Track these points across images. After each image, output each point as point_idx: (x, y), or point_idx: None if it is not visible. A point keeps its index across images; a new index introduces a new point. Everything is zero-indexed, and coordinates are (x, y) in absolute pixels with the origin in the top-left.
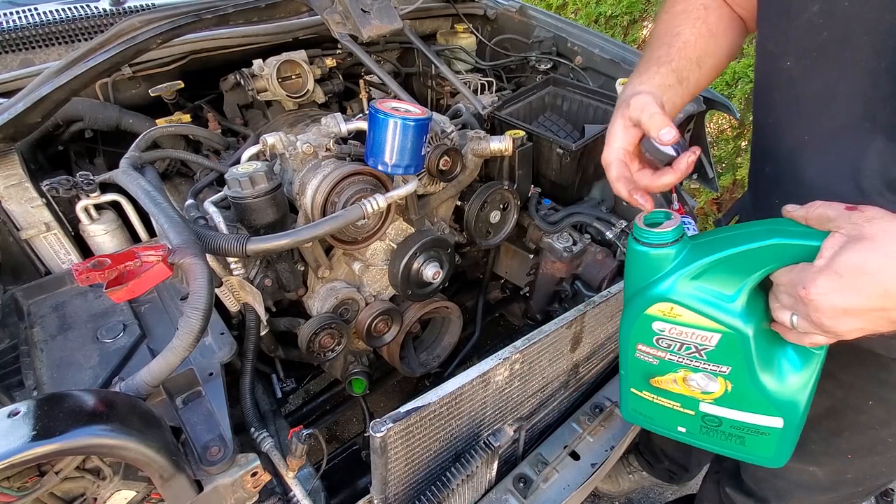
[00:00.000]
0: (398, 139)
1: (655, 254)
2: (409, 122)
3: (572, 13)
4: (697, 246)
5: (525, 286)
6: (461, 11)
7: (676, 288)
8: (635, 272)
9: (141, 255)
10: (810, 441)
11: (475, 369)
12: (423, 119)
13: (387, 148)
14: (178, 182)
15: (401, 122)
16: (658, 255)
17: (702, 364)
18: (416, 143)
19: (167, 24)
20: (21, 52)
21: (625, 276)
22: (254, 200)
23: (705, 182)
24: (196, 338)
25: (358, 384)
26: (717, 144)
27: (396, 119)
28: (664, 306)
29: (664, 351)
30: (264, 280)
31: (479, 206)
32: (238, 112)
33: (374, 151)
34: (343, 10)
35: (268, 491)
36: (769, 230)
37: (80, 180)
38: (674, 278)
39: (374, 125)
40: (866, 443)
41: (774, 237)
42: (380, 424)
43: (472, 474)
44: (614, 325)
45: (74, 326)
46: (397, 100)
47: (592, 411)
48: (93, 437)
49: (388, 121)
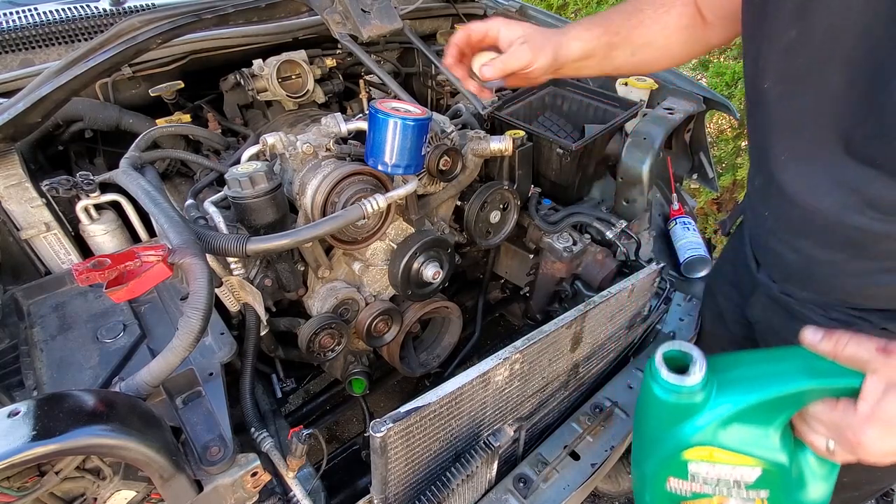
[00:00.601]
0: (398, 139)
1: (685, 402)
2: (409, 122)
3: (572, 13)
4: (726, 384)
5: (525, 286)
6: (461, 11)
7: (713, 431)
8: (658, 415)
9: (141, 255)
10: None
11: (475, 369)
12: (422, 119)
13: (387, 148)
14: (178, 182)
15: (401, 122)
16: (687, 402)
17: (740, 492)
18: (416, 142)
19: (167, 24)
20: (21, 52)
21: (641, 414)
22: (254, 200)
23: (705, 182)
24: (196, 338)
25: (358, 384)
26: (717, 144)
27: (396, 119)
28: (702, 450)
29: (700, 484)
30: (264, 280)
31: (479, 206)
32: (238, 112)
33: (374, 151)
34: (343, 10)
35: (268, 491)
36: (802, 368)
37: (80, 180)
38: (708, 421)
39: (373, 125)
40: None
41: (809, 379)
42: (380, 424)
43: (472, 474)
44: (614, 324)
45: (74, 326)
46: (397, 100)
47: (592, 411)
48: (93, 437)
49: (388, 121)
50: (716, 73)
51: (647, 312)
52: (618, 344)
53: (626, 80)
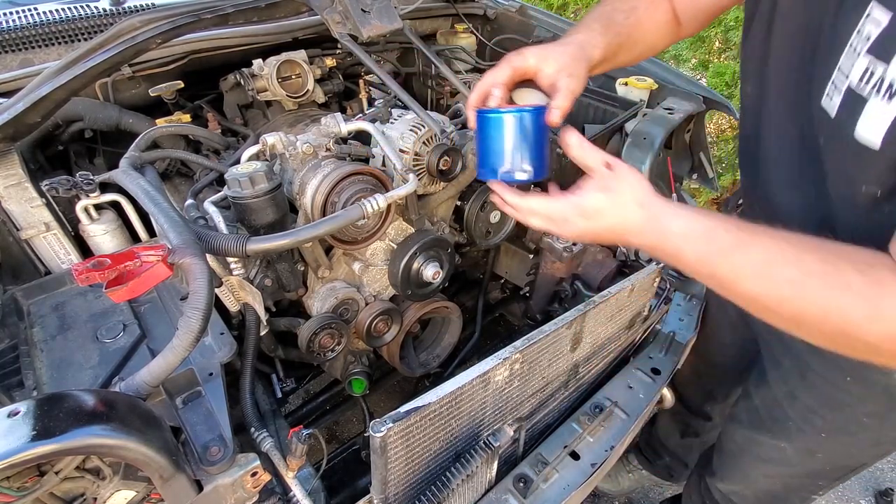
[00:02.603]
0: (514, 138)
1: None
2: (527, 114)
3: (573, 13)
4: None
5: (525, 286)
6: (461, 11)
7: None
8: None
9: (141, 255)
10: (787, 417)
11: (475, 369)
12: (540, 107)
13: (506, 151)
14: (178, 182)
15: (516, 115)
16: None
17: None
18: (541, 138)
19: (167, 24)
20: (21, 52)
21: None
22: (254, 200)
23: (705, 182)
24: (196, 338)
25: (358, 384)
26: (717, 144)
27: (510, 114)
28: None
29: None
30: (264, 280)
31: (479, 206)
32: (238, 112)
33: (490, 160)
34: (343, 10)
35: (268, 491)
36: None
37: (80, 180)
38: None
39: (485, 129)
40: (842, 421)
41: None
42: (380, 424)
43: (472, 474)
44: (614, 324)
45: (74, 326)
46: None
47: (592, 411)
48: (93, 437)
49: (503, 118)
50: (716, 73)
51: (647, 312)
52: (618, 344)
53: (626, 80)
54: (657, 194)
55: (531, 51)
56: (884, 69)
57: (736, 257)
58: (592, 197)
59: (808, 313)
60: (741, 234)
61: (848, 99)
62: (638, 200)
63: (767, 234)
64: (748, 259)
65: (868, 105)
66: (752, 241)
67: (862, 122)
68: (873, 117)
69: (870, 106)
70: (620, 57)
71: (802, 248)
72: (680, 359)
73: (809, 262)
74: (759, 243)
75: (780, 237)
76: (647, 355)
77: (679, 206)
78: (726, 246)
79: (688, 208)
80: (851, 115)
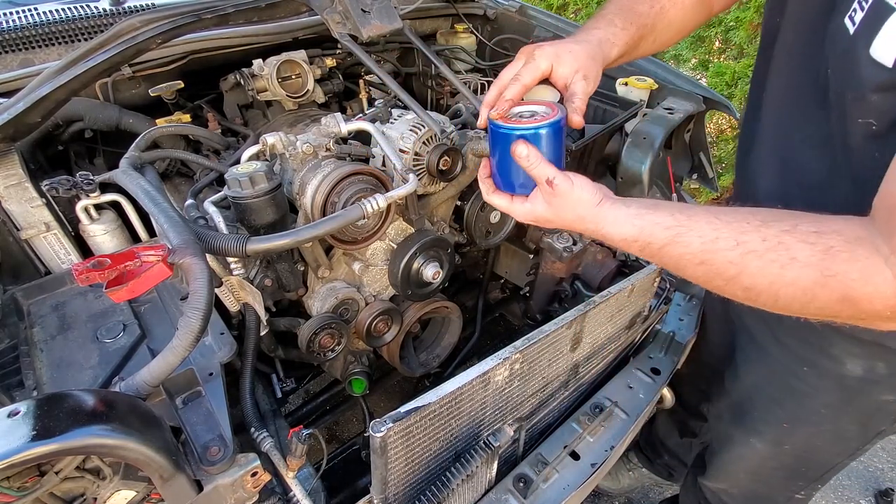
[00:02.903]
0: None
1: None
2: (542, 130)
3: (573, 13)
4: None
5: (525, 286)
6: (461, 11)
7: None
8: None
9: (141, 255)
10: (753, 408)
11: (475, 369)
12: (557, 119)
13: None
14: (178, 182)
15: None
16: None
17: None
18: (558, 148)
19: (167, 24)
20: (21, 52)
21: None
22: (254, 200)
23: (705, 182)
24: (196, 338)
25: (358, 384)
26: (717, 144)
27: (526, 131)
28: None
29: None
30: (264, 280)
31: (479, 206)
32: (238, 112)
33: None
34: (343, 10)
35: (268, 491)
36: None
37: (80, 180)
38: None
39: (499, 144)
40: (801, 412)
41: None
42: (380, 424)
43: (472, 474)
44: (614, 325)
45: (74, 326)
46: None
47: (592, 411)
48: (93, 437)
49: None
50: (716, 73)
51: (646, 312)
52: (618, 344)
53: (626, 80)
54: (598, 202)
55: (547, 51)
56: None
57: (674, 249)
58: (539, 206)
59: (758, 288)
60: (677, 226)
61: (873, 11)
62: (577, 214)
63: (705, 219)
64: (686, 249)
65: (892, 17)
66: (689, 229)
67: (881, 36)
68: (894, 30)
69: (893, 19)
70: (643, 48)
71: (740, 228)
72: (680, 359)
73: (749, 241)
74: (696, 230)
75: (720, 220)
76: (647, 355)
77: (619, 207)
78: (663, 242)
79: (628, 208)
80: (872, 28)
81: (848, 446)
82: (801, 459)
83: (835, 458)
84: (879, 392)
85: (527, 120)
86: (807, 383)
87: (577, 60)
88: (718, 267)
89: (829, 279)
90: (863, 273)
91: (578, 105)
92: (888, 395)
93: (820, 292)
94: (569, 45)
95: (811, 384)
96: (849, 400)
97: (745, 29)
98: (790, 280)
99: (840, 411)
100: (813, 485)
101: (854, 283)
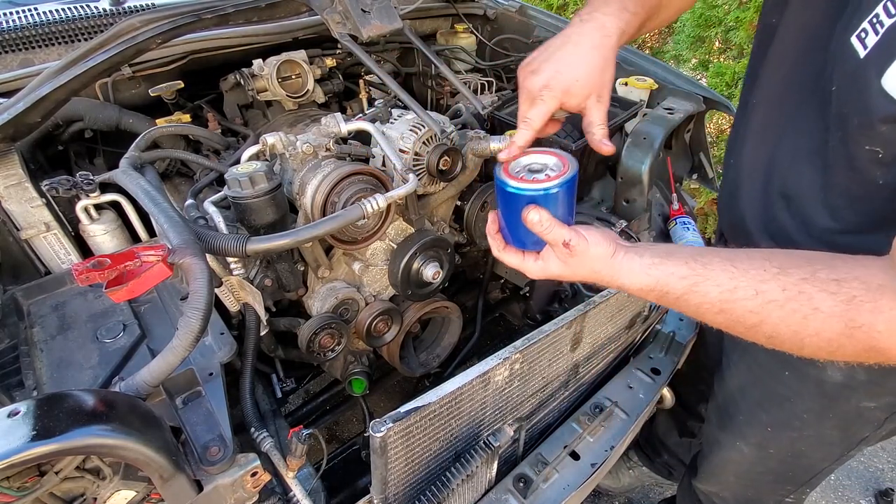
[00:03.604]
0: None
1: None
2: (553, 191)
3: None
4: None
5: (525, 286)
6: (461, 11)
7: None
8: None
9: (141, 255)
10: (738, 412)
11: (475, 369)
12: (570, 177)
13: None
14: (178, 182)
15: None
16: None
17: None
18: (570, 203)
19: (167, 24)
20: (21, 52)
21: None
22: (254, 200)
23: (705, 182)
24: (196, 338)
25: (358, 384)
26: (717, 144)
27: (537, 191)
28: None
29: None
30: (264, 280)
31: (479, 206)
32: (238, 112)
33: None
34: (343, 10)
35: (268, 491)
36: None
37: (80, 180)
38: None
39: (510, 204)
40: (783, 416)
41: None
42: (380, 424)
43: (472, 474)
44: (614, 325)
45: (74, 326)
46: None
47: (592, 411)
48: (93, 437)
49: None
50: (716, 74)
51: (647, 312)
52: (618, 344)
53: (625, 80)
54: (612, 254)
55: (554, 90)
56: None
57: (692, 298)
58: (554, 264)
59: (782, 337)
60: (693, 275)
61: (887, 38)
62: (592, 269)
63: (720, 267)
64: (705, 298)
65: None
66: (705, 278)
67: (895, 67)
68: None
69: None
70: (644, 29)
71: (759, 276)
72: (680, 359)
73: (768, 291)
74: (713, 279)
75: (736, 268)
76: (647, 355)
77: (632, 257)
78: (680, 292)
79: (642, 258)
80: (887, 57)
81: (831, 452)
82: (787, 464)
83: (819, 463)
84: (859, 398)
85: (536, 177)
86: (788, 387)
87: (587, 86)
88: (739, 316)
89: (854, 331)
90: (889, 325)
91: (601, 134)
92: (868, 402)
93: (846, 343)
94: (574, 69)
95: (793, 388)
96: (829, 405)
97: (745, 29)
98: (814, 331)
99: (821, 416)
100: (801, 489)
101: (880, 335)
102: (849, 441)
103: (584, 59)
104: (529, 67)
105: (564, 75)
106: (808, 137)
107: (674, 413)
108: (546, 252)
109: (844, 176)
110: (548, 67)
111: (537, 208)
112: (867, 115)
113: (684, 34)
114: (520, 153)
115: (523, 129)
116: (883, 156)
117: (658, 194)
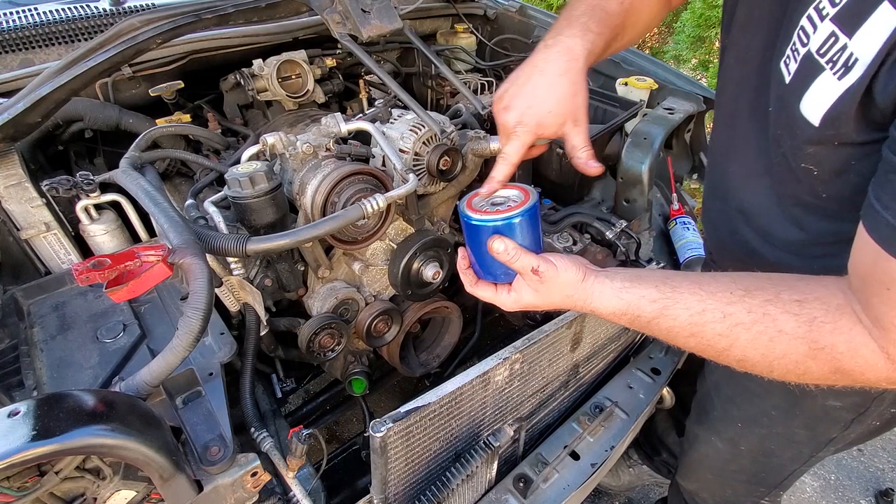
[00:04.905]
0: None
1: None
2: (515, 220)
3: None
4: None
5: None
6: (461, 11)
7: None
8: None
9: (141, 255)
10: (713, 407)
11: (475, 369)
12: (531, 207)
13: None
14: (178, 182)
15: (503, 223)
16: None
17: None
18: (535, 231)
19: (167, 24)
20: (21, 52)
21: None
22: (254, 200)
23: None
24: (196, 338)
25: (358, 384)
26: None
27: (498, 222)
28: None
29: None
30: (264, 280)
31: None
32: (238, 112)
33: (489, 267)
34: (343, 10)
35: (268, 491)
36: None
37: (80, 180)
38: None
39: (474, 237)
40: (753, 412)
41: None
42: (380, 424)
43: (472, 474)
44: (614, 325)
45: (74, 326)
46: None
47: (592, 411)
48: (93, 437)
49: (487, 227)
50: (716, 74)
51: None
52: (618, 344)
53: (625, 80)
54: (582, 278)
55: (528, 125)
56: (846, 41)
57: (663, 322)
58: (526, 294)
59: (752, 360)
60: (664, 298)
61: (803, 66)
62: (564, 295)
63: (689, 290)
64: (675, 322)
65: (820, 77)
66: (675, 301)
67: (809, 94)
68: (820, 91)
69: (821, 79)
70: (610, 50)
71: (726, 299)
72: (680, 359)
73: (735, 313)
74: (682, 302)
75: (704, 290)
76: (647, 355)
77: (603, 280)
78: (651, 316)
79: (612, 282)
80: (803, 83)
81: (800, 452)
82: (759, 463)
83: (789, 464)
84: (825, 397)
85: (499, 208)
86: (758, 383)
87: (560, 114)
88: (709, 339)
89: (817, 352)
90: (849, 346)
91: (586, 157)
92: (834, 402)
93: (812, 365)
94: (544, 102)
95: (762, 385)
96: (795, 403)
97: None
98: (781, 353)
99: (789, 414)
100: (775, 491)
101: (842, 356)
102: (816, 441)
103: (553, 89)
104: (501, 104)
105: (535, 108)
106: (757, 154)
107: (672, 412)
108: (517, 282)
109: (794, 187)
110: (518, 103)
111: (502, 238)
112: (794, 138)
113: (684, 34)
114: (499, 187)
115: (501, 165)
116: (818, 173)
117: (658, 194)
